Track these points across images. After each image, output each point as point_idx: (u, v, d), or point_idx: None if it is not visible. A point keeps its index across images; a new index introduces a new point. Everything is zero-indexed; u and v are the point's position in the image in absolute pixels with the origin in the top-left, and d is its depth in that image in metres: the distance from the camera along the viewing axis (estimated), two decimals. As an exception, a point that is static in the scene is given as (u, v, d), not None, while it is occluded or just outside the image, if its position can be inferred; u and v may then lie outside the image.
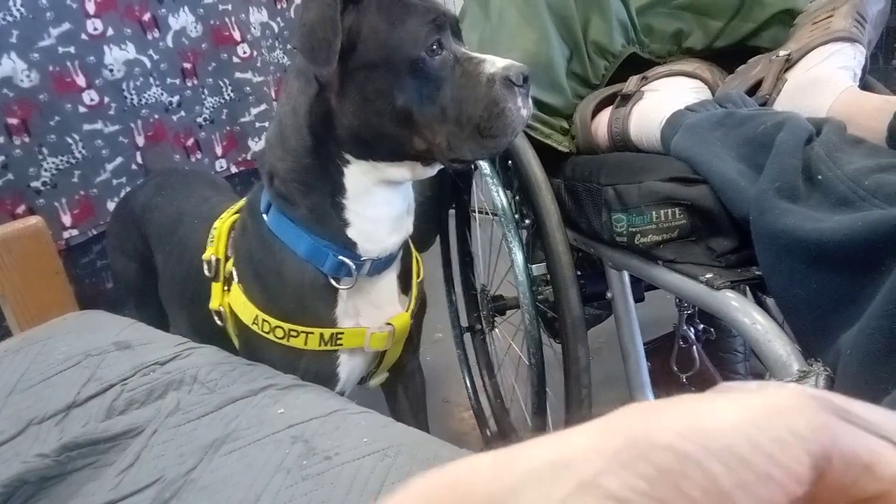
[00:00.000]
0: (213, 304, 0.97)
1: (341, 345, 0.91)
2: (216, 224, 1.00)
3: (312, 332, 0.89)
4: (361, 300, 0.93)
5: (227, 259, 0.97)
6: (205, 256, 0.98)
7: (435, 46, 0.78)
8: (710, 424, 0.19)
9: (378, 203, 0.87)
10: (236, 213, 1.01)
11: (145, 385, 0.79)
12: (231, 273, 0.95)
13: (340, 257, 0.87)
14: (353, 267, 0.87)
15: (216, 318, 0.97)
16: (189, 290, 1.06)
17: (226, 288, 0.96)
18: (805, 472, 0.20)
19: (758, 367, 1.29)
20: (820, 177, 0.68)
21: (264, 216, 0.90)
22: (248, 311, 0.91)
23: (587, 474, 0.19)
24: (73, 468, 0.68)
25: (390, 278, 0.96)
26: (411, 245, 1.04)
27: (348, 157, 0.84)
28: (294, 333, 0.88)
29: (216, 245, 0.98)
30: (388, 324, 0.95)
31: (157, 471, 0.66)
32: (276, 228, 0.89)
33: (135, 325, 0.96)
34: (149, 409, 0.75)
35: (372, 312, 0.94)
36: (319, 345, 0.89)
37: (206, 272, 0.97)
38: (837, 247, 0.61)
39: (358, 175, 0.84)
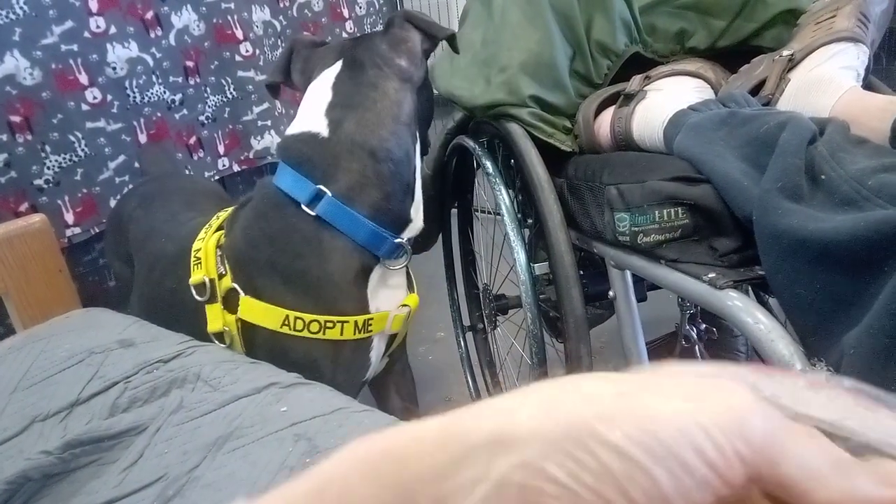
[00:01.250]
0: (214, 326, 0.96)
1: (371, 330, 0.95)
2: (197, 245, 1.00)
3: (347, 321, 0.92)
4: (382, 285, 0.99)
5: (220, 277, 0.96)
6: (193, 281, 0.97)
7: None
8: (659, 427, 0.19)
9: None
10: (218, 229, 1.01)
11: (149, 383, 0.79)
12: (233, 288, 0.95)
13: (396, 240, 0.96)
14: (408, 247, 0.99)
15: (215, 340, 0.96)
16: (162, 312, 1.05)
17: (224, 308, 0.96)
18: (739, 481, 0.20)
19: (760, 367, 1.29)
20: (823, 177, 0.68)
21: (306, 209, 0.93)
22: (274, 316, 0.92)
23: (530, 457, 0.19)
24: (76, 465, 0.68)
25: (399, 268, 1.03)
26: None
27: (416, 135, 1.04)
28: (330, 325, 0.91)
29: (205, 266, 0.97)
30: (404, 305, 1.02)
31: (160, 468, 0.67)
32: (332, 217, 0.93)
33: (138, 322, 0.96)
34: (152, 406, 0.76)
35: (390, 296, 1.00)
36: (354, 333, 0.93)
37: (198, 297, 0.96)
38: (840, 247, 0.61)
39: (417, 152, 1.05)
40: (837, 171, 0.67)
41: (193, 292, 0.97)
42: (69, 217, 1.72)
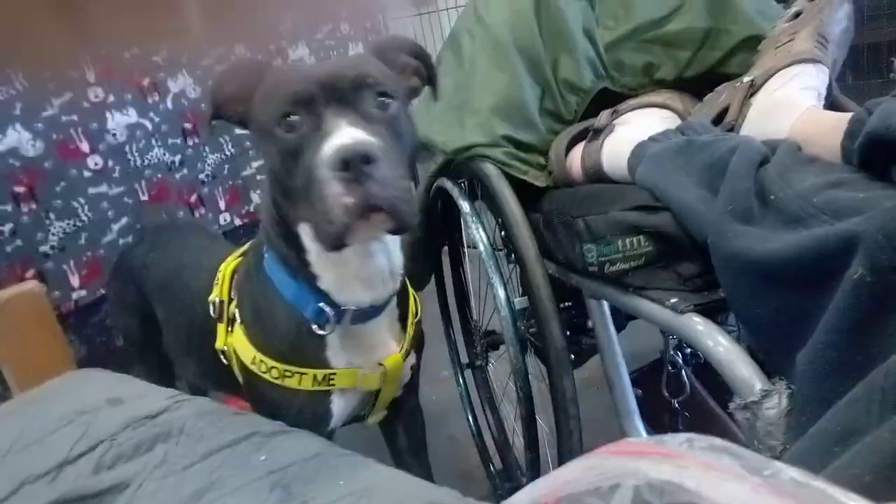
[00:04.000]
0: (219, 343, 0.99)
1: (334, 385, 0.92)
2: (221, 267, 1.04)
3: (306, 373, 0.91)
4: (352, 340, 0.94)
5: (230, 301, 1.00)
6: (210, 297, 1.01)
7: (293, 120, 0.75)
8: None
9: (340, 262, 0.86)
10: (240, 255, 1.04)
11: (134, 439, 0.80)
12: (234, 314, 0.98)
13: (320, 304, 0.88)
14: (332, 315, 0.88)
15: (222, 357, 0.99)
16: (196, 336, 1.08)
17: (229, 329, 0.99)
18: None
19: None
20: (773, 197, 0.69)
21: (265, 258, 0.94)
22: (247, 352, 0.94)
23: None
24: (61, 525, 0.70)
25: (382, 323, 0.96)
26: (409, 285, 1.06)
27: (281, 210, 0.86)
28: (288, 374, 0.90)
29: (220, 287, 1.01)
30: (381, 364, 0.96)
31: (141, 523, 0.68)
32: (269, 270, 0.93)
33: (129, 380, 0.99)
34: (136, 463, 0.77)
35: (364, 352, 0.95)
36: (313, 385, 0.91)
37: (212, 313, 1.00)
38: (788, 265, 0.62)
39: (308, 233, 0.84)
40: (786, 191, 0.68)
41: (210, 308, 1.00)
42: (75, 280, 1.77)
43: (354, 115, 0.74)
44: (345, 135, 0.70)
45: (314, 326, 0.89)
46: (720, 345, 0.67)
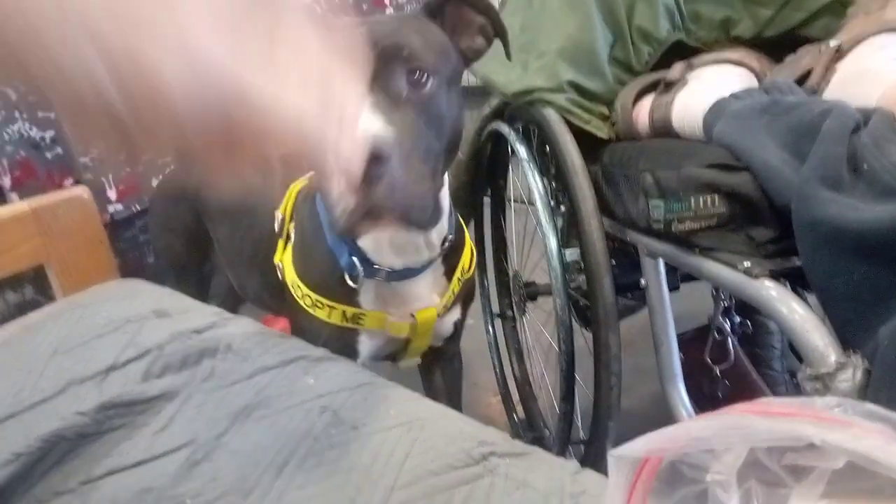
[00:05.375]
0: (277, 257, 1.00)
1: (362, 324, 0.93)
2: (291, 186, 1.03)
3: (335, 308, 0.91)
4: (387, 290, 0.93)
5: (291, 219, 1.00)
6: (277, 211, 1.02)
7: None
8: None
9: None
10: (309, 177, 1.03)
11: (181, 351, 0.80)
12: (290, 233, 0.99)
13: (354, 258, 0.88)
14: (361, 271, 0.88)
15: (278, 272, 0.99)
16: (263, 250, 1.08)
17: (285, 247, 1.00)
18: None
19: (794, 365, 1.26)
20: (865, 166, 0.66)
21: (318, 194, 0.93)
22: (290, 274, 0.95)
23: None
24: (109, 427, 0.70)
25: (421, 279, 0.94)
26: (466, 235, 1.04)
27: None
28: (319, 305, 0.91)
29: (285, 205, 1.01)
30: (412, 315, 0.94)
31: (189, 433, 0.68)
32: (319, 207, 0.93)
33: (173, 294, 0.99)
34: (184, 374, 0.77)
35: (398, 303, 0.94)
36: (341, 321, 0.91)
37: (276, 227, 1.01)
38: (879, 237, 0.59)
39: None
40: (880, 161, 0.65)
41: (276, 223, 1.01)
42: (112, 194, 1.77)
43: (378, 94, 0.65)
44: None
45: (346, 276, 0.89)
46: (795, 312, 0.65)
